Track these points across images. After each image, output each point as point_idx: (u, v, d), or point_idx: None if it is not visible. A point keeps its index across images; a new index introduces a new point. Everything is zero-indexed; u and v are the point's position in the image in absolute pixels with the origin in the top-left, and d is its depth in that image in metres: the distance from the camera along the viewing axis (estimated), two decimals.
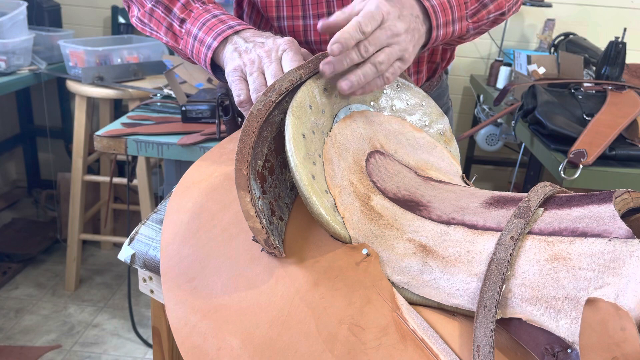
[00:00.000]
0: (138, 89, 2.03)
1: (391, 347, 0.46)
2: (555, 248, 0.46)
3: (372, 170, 0.62)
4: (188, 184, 0.68)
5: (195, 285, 0.56)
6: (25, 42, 2.14)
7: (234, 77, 0.69)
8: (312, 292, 0.51)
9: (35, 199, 2.82)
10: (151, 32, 0.83)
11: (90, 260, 2.47)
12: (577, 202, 0.50)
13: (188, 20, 0.78)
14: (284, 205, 0.59)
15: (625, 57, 1.81)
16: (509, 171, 2.97)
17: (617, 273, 0.41)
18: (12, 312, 2.08)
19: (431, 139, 0.73)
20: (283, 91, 0.57)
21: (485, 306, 0.44)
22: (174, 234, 0.62)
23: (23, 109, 2.80)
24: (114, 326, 2.04)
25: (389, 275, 0.52)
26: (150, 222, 0.75)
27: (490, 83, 2.44)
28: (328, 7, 0.82)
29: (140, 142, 1.54)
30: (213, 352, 0.50)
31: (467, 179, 0.72)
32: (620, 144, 1.45)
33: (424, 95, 0.76)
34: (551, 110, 1.57)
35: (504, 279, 0.45)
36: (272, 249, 0.54)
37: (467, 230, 0.52)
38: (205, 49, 0.75)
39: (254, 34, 0.73)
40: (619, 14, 2.63)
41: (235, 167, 0.52)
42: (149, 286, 0.75)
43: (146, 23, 0.82)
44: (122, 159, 2.32)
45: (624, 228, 0.44)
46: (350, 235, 0.54)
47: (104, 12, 2.69)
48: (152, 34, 0.83)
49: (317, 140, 0.59)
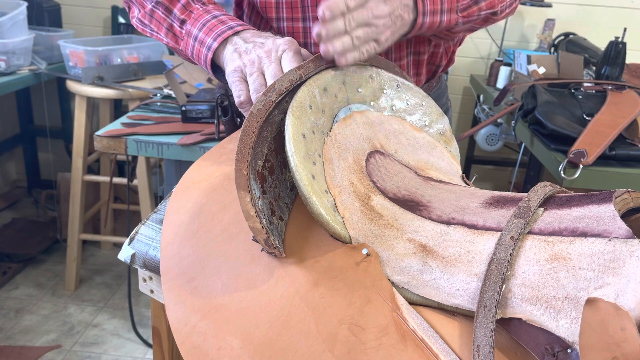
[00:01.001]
0: (138, 89, 2.03)
1: (391, 347, 0.46)
2: (555, 248, 0.46)
3: (372, 170, 0.62)
4: (188, 184, 0.68)
5: (195, 285, 0.56)
6: (25, 42, 2.14)
7: (234, 77, 0.69)
8: (312, 292, 0.51)
9: (35, 199, 2.82)
10: (152, 33, 0.83)
11: (90, 260, 2.47)
12: (577, 202, 0.50)
13: (188, 21, 0.78)
14: (284, 205, 0.59)
15: (625, 57, 1.81)
16: (509, 171, 2.97)
17: (617, 273, 0.41)
18: (12, 312, 2.08)
19: (431, 139, 0.73)
20: (283, 91, 0.57)
21: (485, 306, 0.44)
22: (174, 234, 0.62)
23: (23, 109, 2.80)
24: (114, 326, 2.04)
25: (389, 275, 0.52)
26: (150, 222, 0.75)
27: (490, 83, 2.44)
28: None
29: (140, 142, 1.54)
30: (213, 352, 0.50)
31: (467, 179, 0.72)
32: (620, 144, 1.45)
33: (424, 95, 0.76)
34: (551, 110, 1.57)
35: (504, 279, 0.45)
36: (272, 249, 0.54)
37: (467, 230, 0.52)
38: (205, 50, 0.75)
39: (254, 35, 0.73)
40: (619, 14, 2.63)
41: (235, 167, 0.52)
42: (149, 286, 0.75)
43: (146, 24, 0.83)
44: (122, 159, 2.32)
45: (624, 228, 0.44)
46: (350, 235, 0.54)
47: (104, 12, 2.69)
48: (153, 35, 0.83)
49: (317, 140, 0.59)
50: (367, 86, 0.70)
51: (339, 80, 0.65)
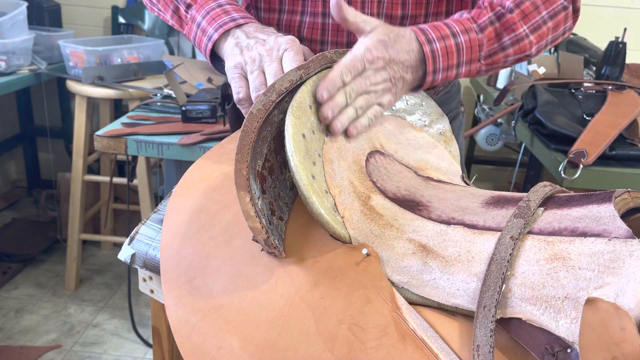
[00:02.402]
0: (138, 89, 2.03)
1: (391, 347, 0.46)
2: (555, 248, 0.46)
3: (372, 170, 0.62)
4: (188, 184, 0.68)
5: (195, 285, 0.56)
6: (25, 42, 2.14)
7: (234, 74, 0.69)
8: (312, 292, 0.51)
9: (35, 199, 2.82)
10: (159, 13, 0.84)
11: (90, 260, 2.47)
12: (577, 202, 0.50)
13: (194, 7, 0.78)
14: (284, 205, 0.59)
15: (625, 57, 1.81)
16: (509, 171, 2.97)
17: (617, 273, 0.41)
18: (12, 312, 2.08)
19: (431, 139, 0.73)
20: (283, 91, 0.57)
21: (485, 306, 0.44)
22: (174, 234, 0.62)
23: (23, 109, 2.80)
24: (114, 326, 2.04)
25: (388, 275, 0.52)
26: (150, 222, 0.75)
27: (490, 83, 2.44)
28: (324, 7, 0.83)
29: (140, 142, 1.54)
30: (213, 352, 0.50)
31: (467, 179, 0.72)
32: (620, 144, 1.45)
33: (424, 95, 0.76)
34: (551, 110, 1.56)
35: (503, 278, 0.45)
36: (271, 249, 0.54)
37: (467, 230, 0.52)
38: (206, 40, 0.75)
39: (257, 30, 0.73)
40: (619, 14, 2.63)
41: (235, 167, 0.52)
42: (149, 286, 0.75)
43: (154, 3, 0.83)
44: (122, 159, 2.31)
45: (624, 228, 0.44)
46: (350, 235, 0.54)
47: (104, 12, 2.69)
48: (160, 15, 0.84)
49: (317, 140, 0.59)
50: None
51: None
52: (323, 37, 0.86)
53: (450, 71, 0.70)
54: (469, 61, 0.71)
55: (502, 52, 0.73)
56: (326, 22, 0.84)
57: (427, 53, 0.67)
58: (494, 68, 0.74)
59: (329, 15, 0.83)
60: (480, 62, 0.72)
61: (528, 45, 0.73)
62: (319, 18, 0.84)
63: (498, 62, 0.73)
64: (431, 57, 0.67)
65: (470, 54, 0.70)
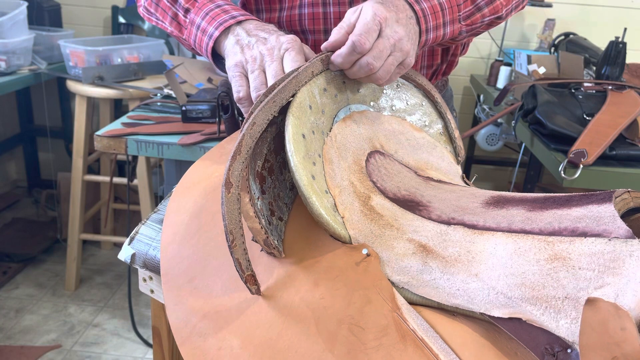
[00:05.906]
0: (138, 88, 2.03)
1: (391, 347, 0.46)
2: (555, 248, 0.46)
3: (372, 170, 0.62)
4: (188, 184, 0.68)
5: (195, 285, 0.56)
6: (25, 42, 2.14)
7: (235, 72, 0.69)
8: (312, 292, 0.51)
9: (36, 199, 2.82)
10: (157, 22, 0.84)
11: (91, 260, 2.47)
12: (577, 202, 0.50)
13: (192, 10, 0.78)
14: (284, 205, 0.59)
15: (625, 57, 1.81)
16: (509, 171, 2.97)
17: (617, 273, 0.41)
18: (12, 312, 2.08)
19: (431, 139, 0.74)
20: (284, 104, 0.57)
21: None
22: (174, 234, 0.62)
23: (23, 109, 2.80)
24: (114, 326, 2.04)
25: (389, 275, 0.52)
26: (150, 222, 0.75)
27: (490, 83, 2.44)
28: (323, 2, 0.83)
29: (140, 142, 1.53)
30: (213, 352, 0.50)
31: (467, 179, 0.72)
32: (620, 143, 1.45)
33: (424, 96, 0.76)
34: (551, 110, 1.57)
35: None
36: (271, 249, 0.54)
37: (467, 230, 0.52)
38: (207, 39, 0.75)
39: (257, 27, 0.73)
40: (619, 14, 2.63)
41: (225, 169, 0.52)
42: (149, 286, 0.75)
43: (152, 12, 0.84)
44: (122, 158, 2.31)
45: (624, 228, 0.44)
46: (350, 235, 0.54)
47: (104, 12, 2.69)
48: (158, 24, 0.84)
49: (317, 140, 0.59)
50: (367, 86, 0.70)
51: (339, 81, 0.65)
52: (326, 26, 0.85)
53: (439, 30, 0.74)
54: (452, 21, 0.75)
55: (479, 12, 0.78)
56: (327, 11, 0.84)
57: (418, 12, 0.70)
58: (473, 29, 0.79)
59: (329, 3, 0.84)
60: (461, 23, 0.77)
61: (499, 6, 0.80)
62: (319, 8, 0.84)
63: (476, 22, 0.79)
64: (422, 15, 0.70)
65: (451, 14, 0.75)
